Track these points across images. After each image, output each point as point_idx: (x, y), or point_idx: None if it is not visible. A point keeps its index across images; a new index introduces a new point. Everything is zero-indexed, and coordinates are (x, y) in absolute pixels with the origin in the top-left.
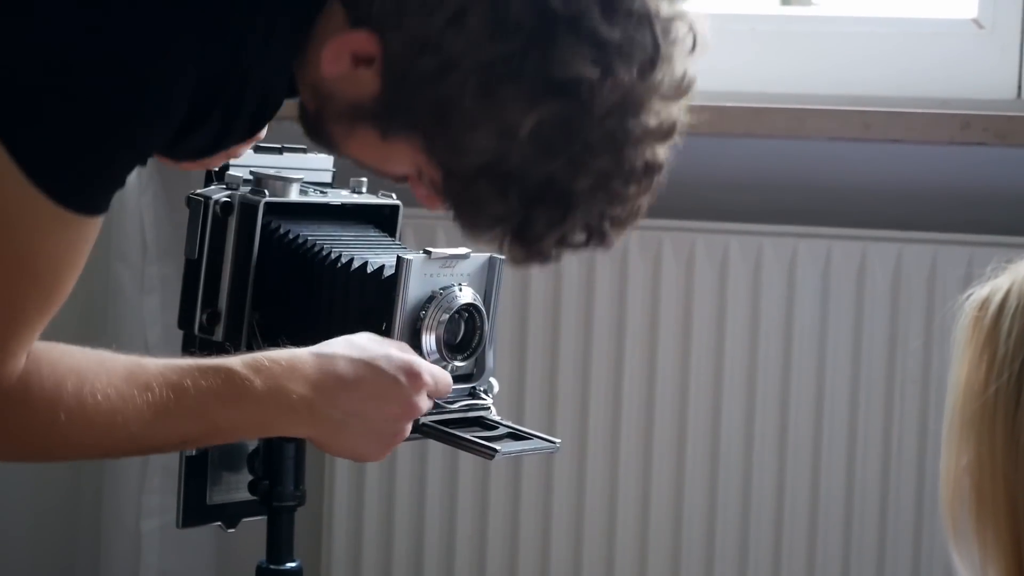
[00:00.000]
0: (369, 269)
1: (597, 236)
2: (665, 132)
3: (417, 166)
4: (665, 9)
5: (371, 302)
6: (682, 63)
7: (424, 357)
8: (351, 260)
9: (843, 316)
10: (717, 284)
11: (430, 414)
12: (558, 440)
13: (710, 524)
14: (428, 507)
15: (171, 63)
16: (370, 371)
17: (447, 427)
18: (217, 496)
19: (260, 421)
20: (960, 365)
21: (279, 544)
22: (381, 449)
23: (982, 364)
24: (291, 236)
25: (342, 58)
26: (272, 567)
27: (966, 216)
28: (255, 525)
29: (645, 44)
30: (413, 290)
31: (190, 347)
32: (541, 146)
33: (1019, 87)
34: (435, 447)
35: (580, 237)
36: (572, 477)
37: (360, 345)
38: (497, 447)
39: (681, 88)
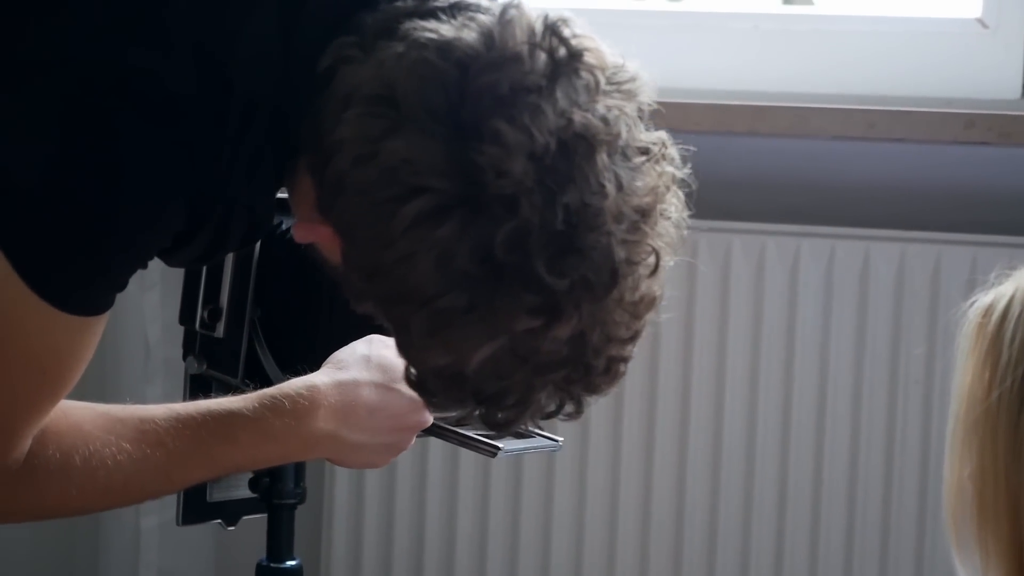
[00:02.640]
0: None
1: (571, 410)
2: (629, 338)
3: None
4: (626, 231)
5: None
6: (644, 283)
7: None
8: None
9: (846, 315)
10: (719, 283)
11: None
12: (560, 439)
13: (711, 525)
14: (429, 505)
15: (164, 180)
16: (392, 396)
17: (449, 425)
18: (217, 493)
19: (283, 454)
20: (964, 373)
21: (279, 542)
22: (389, 458)
23: (985, 371)
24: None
25: (311, 238)
26: (272, 565)
27: (970, 216)
28: (255, 523)
29: (599, 281)
30: None
31: (191, 343)
32: (492, 370)
33: (1023, 87)
34: (436, 445)
35: (551, 410)
36: (574, 475)
37: (377, 363)
38: (499, 445)
39: (641, 307)
